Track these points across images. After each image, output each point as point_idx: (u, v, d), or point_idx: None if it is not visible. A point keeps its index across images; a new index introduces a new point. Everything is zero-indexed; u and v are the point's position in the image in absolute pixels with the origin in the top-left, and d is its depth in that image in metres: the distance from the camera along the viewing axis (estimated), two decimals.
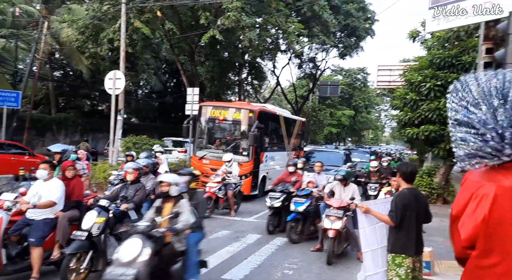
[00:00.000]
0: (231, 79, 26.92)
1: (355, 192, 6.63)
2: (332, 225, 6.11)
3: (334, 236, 6.09)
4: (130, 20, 15.09)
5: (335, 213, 6.22)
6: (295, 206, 7.19)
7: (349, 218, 6.41)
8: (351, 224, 6.35)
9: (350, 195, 6.54)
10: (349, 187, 6.69)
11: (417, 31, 13.62)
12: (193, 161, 12.25)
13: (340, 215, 6.19)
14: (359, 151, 22.72)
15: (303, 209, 7.12)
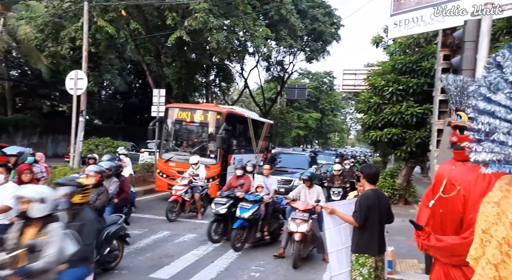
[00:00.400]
0: (199, 81, 26.66)
1: (320, 194, 6.58)
2: (298, 228, 6.04)
3: (300, 239, 6.02)
4: (93, 18, 14.60)
5: (301, 216, 6.14)
6: (240, 212, 6.75)
7: (314, 220, 6.36)
8: (316, 226, 6.34)
9: (315, 197, 6.48)
10: (314, 189, 6.64)
11: (380, 37, 14.07)
12: (159, 164, 12.02)
13: (306, 217, 6.12)
14: (325, 153, 22.82)
15: (248, 216, 6.69)
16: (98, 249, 5.00)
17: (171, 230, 7.94)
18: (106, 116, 30.81)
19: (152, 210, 9.94)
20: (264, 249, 7.06)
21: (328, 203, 4.50)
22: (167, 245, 6.99)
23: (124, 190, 7.16)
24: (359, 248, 3.83)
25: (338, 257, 4.22)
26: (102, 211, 5.21)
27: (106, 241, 5.15)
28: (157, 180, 11.99)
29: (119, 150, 10.18)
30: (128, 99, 30.44)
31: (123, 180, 7.31)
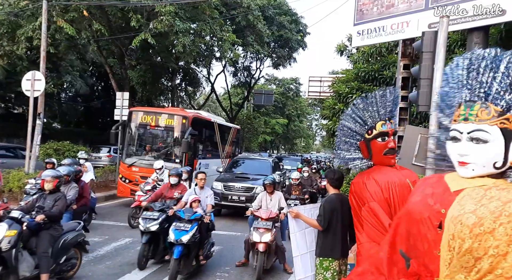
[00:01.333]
0: (164, 85, 26.24)
1: (282, 200, 6.34)
2: (262, 238, 5.71)
3: (264, 250, 5.70)
4: (53, 18, 14.02)
5: (264, 225, 5.82)
6: (176, 235, 5.36)
7: (277, 229, 6.14)
8: (279, 235, 6.16)
9: (277, 204, 6.27)
10: (275, 196, 6.40)
11: (345, 45, 14.46)
12: (122, 169, 11.67)
13: (269, 226, 5.81)
14: (290, 159, 22.32)
15: (187, 240, 5.33)
16: (54, 258, 4.77)
17: (133, 237, 7.70)
18: (66, 119, 29.55)
19: (113, 216, 9.61)
20: (229, 254, 7.00)
21: (293, 207, 4.51)
22: (129, 252, 6.76)
23: (83, 196, 6.91)
24: (323, 251, 3.87)
25: (303, 261, 4.24)
26: (59, 218, 4.97)
27: (63, 249, 4.92)
28: (119, 185, 11.63)
29: (80, 155, 9.79)
30: (89, 102, 29.40)
31: (82, 185, 7.05)
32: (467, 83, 1.68)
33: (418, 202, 1.70)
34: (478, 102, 1.62)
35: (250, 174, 11.42)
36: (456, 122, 1.65)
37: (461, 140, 1.63)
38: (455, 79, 1.73)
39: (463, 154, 1.62)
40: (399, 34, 6.71)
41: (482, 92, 1.63)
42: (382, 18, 6.88)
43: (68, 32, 14.27)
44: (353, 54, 14.53)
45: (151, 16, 15.65)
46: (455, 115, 1.68)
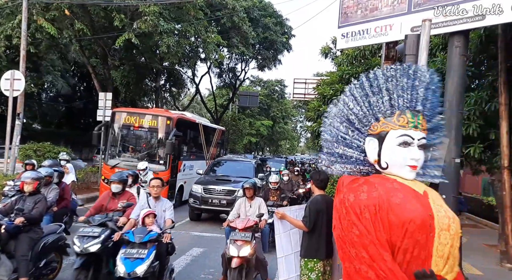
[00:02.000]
0: (148, 85, 25.98)
1: (262, 207, 5.76)
2: (240, 252, 4.91)
3: (238, 266, 4.88)
4: (33, 16, 13.71)
5: (242, 237, 5.05)
6: (126, 267, 4.09)
7: (258, 240, 5.43)
8: (260, 248, 5.53)
9: (257, 211, 5.66)
10: (255, 202, 5.80)
11: (329, 47, 14.58)
12: (104, 170, 11.48)
13: (248, 238, 5.04)
14: (274, 160, 21.70)
15: (143, 272, 4.09)
16: (33, 261, 4.65)
17: None
18: (46, 120, 28.94)
19: None
20: (214, 256, 6.95)
21: (279, 208, 4.51)
22: None
23: (64, 198, 6.76)
24: (308, 252, 3.88)
25: (287, 263, 4.25)
26: (39, 220, 4.84)
27: (43, 253, 4.81)
28: (101, 187, 11.43)
29: (61, 156, 9.58)
30: (71, 103, 28.87)
31: (63, 187, 6.90)
32: (409, 93, 1.79)
33: (420, 209, 1.65)
34: (420, 113, 1.78)
35: (232, 177, 10.82)
36: (406, 128, 1.73)
37: (412, 146, 1.73)
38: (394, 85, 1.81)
39: (417, 159, 1.73)
40: (383, 37, 6.79)
41: (421, 104, 1.78)
42: (366, 21, 6.95)
43: (49, 31, 13.98)
44: (338, 57, 14.65)
45: (134, 16, 15.48)
46: (398, 120, 1.76)
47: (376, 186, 1.70)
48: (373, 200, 1.65)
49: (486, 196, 13.89)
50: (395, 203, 1.64)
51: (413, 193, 1.71)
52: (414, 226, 1.60)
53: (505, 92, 6.72)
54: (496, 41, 7.03)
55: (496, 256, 7.64)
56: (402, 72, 1.80)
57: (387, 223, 1.62)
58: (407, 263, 1.62)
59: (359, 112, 1.83)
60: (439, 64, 7.89)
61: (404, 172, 1.75)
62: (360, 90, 1.85)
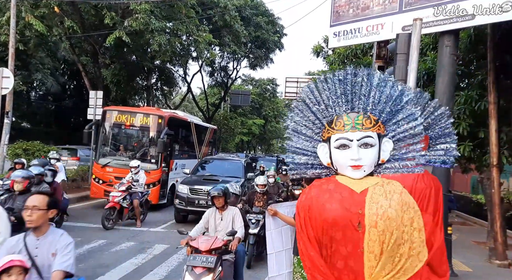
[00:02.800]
0: (139, 84, 25.81)
1: (237, 219, 4.51)
2: None
3: None
4: (21, 13, 13.51)
5: (202, 263, 3.90)
6: None
7: (227, 265, 4.21)
8: (230, 272, 4.31)
9: (230, 225, 4.48)
10: (228, 213, 4.57)
11: (321, 46, 14.63)
12: (95, 169, 11.38)
13: (211, 264, 3.89)
14: (265, 159, 20.91)
15: None
16: None
17: (107, 239, 7.52)
18: (36, 118, 28.57)
19: (86, 218, 9.36)
20: None
21: (271, 205, 4.50)
22: (103, 254, 6.60)
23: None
24: None
25: (277, 259, 4.25)
26: None
27: None
28: (92, 186, 11.34)
29: (50, 155, 9.48)
30: (61, 101, 28.53)
31: (55, 186, 6.83)
32: (344, 97, 1.93)
33: (338, 208, 1.81)
34: (361, 113, 1.90)
35: (220, 176, 10.23)
36: (342, 131, 1.87)
37: (350, 147, 1.85)
38: (327, 93, 1.97)
39: (356, 159, 1.85)
40: (374, 36, 6.85)
41: (361, 105, 1.91)
42: (358, 20, 7.01)
43: (38, 29, 13.80)
44: (329, 56, 14.71)
45: (125, 14, 15.37)
46: (336, 125, 1.90)
47: (311, 189, 1.94)
48: (307, 201, 1.91)
49: (475, 194, 14.07)
50: (320, 204, 1.86)
51: (345, 192, 1.85)
52: (327, 224, 1.81)
53: (494, 91, 6.81)
54: (485, 40, 7.13)
55: (484, 253, 7.75)
56: (336, 78, 1.95)
57: (314, 221, 1.86)
58: (329, 256, 1.84)
59: (306, 122, 2.04)
60: (429, 63, 7.98)
61: (348, 172, 1.89)
62: (302, 104, 2.05)
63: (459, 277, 6.28)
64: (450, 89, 6.28)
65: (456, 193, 15.15)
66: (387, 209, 1.78)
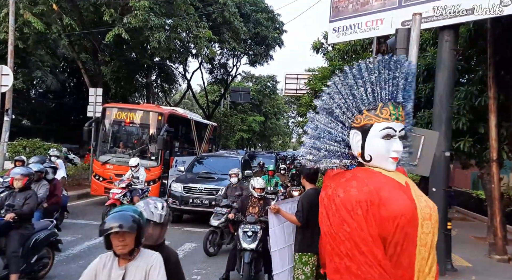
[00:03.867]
0: (139, 81, 25.77)
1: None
2: None
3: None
4: (20, 11, 13.46)
5: None
6: None
7: None
8: None
9: None
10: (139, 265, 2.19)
11: (321, 42, 14.60)
12: (95, 166, 11.38)
13: None
14: (264, 156, 20.40)
15: None
16: (25, 257, 4.61)
17: None
18: (36, 116, 28.59)
19: (87, 215, 9.38)
20: (204, 254, 6.96)
21: (273, 203, 4.49)
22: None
23: (55, 194, 6.69)
24: (302, 247, 3.89)
25: (281, 256, 4.25)
26: (30, 216, 4.80)
27: (34, 249, 4.76)
28: (92, 183, 11.35)
29: (51, 152, 9.48)
30: (61, 99, 28.53)
31: (55, 183, 6.84)
32: (390, 84, 1.79)
33: (410, 202, 1.66)
34: (400, 104, 1.79)
35: (216, 174, 9.92)
36: (389, 120, 1.75)
37: (394, 138, 1.75)
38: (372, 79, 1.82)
39: (399, 151, 1.75)
40: (374, 31, 6.83)
41: (401, 95, 1.79)
42: (357, 15, 6.98)
43: (36, 26, 13.76)
44: (329, 52, 14.68)
45: (125, 10, 15.32)
46: (382, 113, 1.76)
47: (366, 182, 1.70)
48: (364, 196, 1.65)
49: (476, 190, 14.08)
50: (385, 198, 1.64)
51: (398, 185, 1.72)
52: (405, 220, 1.61)
53: (494, 86, 6.80)
54: (485, 35, 7.11)
55: (484, 248, 7.76)
56: (384, 64, 1.80)
57: (379, 218, 1.62)
58: (397, 255, 1.63)
59: (343, 104, 1.83)
60: (429, 59, 7.96)
61: (387, 164, 1.77)
62: (345, 82, 1.84)
63: (459, 272, 6.29)
64: (450, 84, 6.27)
65: (456, 189, 15.16)
66: (428, 200, 1.72)
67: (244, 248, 5.03)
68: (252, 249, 5.02)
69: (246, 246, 5.02)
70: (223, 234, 6.72)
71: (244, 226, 5.24)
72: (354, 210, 1.64)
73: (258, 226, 5.13)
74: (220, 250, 6.81)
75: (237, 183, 7.43)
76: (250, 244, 5.04)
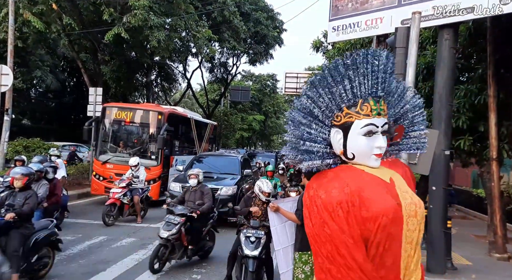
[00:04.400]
0: (139, 80, 25.75)
1: None
2: None
3: None
4: (19, 10, 13.45)
5: None
6: None
7: None
8: None
9: None
10: None
11: (320, 41, 14.58)
12: (95, 166, 11.40)
13: None
14: (264, 155, 20.50)
15: None
16: (25, 257, 4.62)
17: (108, 235, 7.55)
18: (36, 116, 28.59)
19: (87, 214, 9.39)
20: None
21: (274, 201, 4.48)
22: (103, 250, 6.63)
23: (55, 193, 6.71)
24: (303, 245, 3.89)
25: (285, 255, 4.22)
26: (30, 216, 4.80)
27: (35, 248, 4.77)
28: (93, 183, 11.36)
29: (51, 151, 9.50)
30: (61, 98, 28.52)
31: (55, 183, 6.85)
32: (370, 79, 1.74)
33: (392, 201, 1.63)
34: (382, 98, 1.73)
35: (215, 173, 9.89)
36: (370, 116, 1.70)
37: (377, 134, 1.70)
38: (354, 73, 1.75)
39: (382, 147, 1.70)
40: (373, 30, 6.82)
41: (380, 89, 1.74)
42: (357, 14, 6.97)
43: (36, 26, 13.75)
44: (329, 51, 14.66)
45: (124, 10, 15.30)
46: (362, 110, 1.71)
47: (347, 182, 1.66)
48: (345, 197, 1.61)
49: (476, 188, 14.09)
50: (366, 198, 1.61)
51: (382, 183, 1.69)
52: (387, 220, 1.58)
53: (494, 84, 6.79)
54: (485, 34, 7.10)
55: (484, 246, 7.76)
56: (361, 58, 1.74)
57: (360, 219, 1.59)
58: (380, 256, 1.61)
59: (322, 103, 1.78)
60: (429, 57, 7.95)
61: (370, 161, 1.73)
62: (322, 80, 1.78)
63: (459, 270, 6.30)
64: (450, 83, 6.26)
65: (457, 187, 15.16)
66: (413, 196, 1.70)
67: (247, 254, 4.69)
68: (255, 256, 4.68)
69: (248, 253, 4.68)
70: (174, 248, 5.70)
71: (246, 231, 4.86)
72: (335, 212, 1.60)
73: (262, 231, 4.81)
74: (221, 252, 6.43)
75: (196, 185, 6.33)
76: (253, 251, 4.69)
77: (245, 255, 4.69)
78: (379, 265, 1.60)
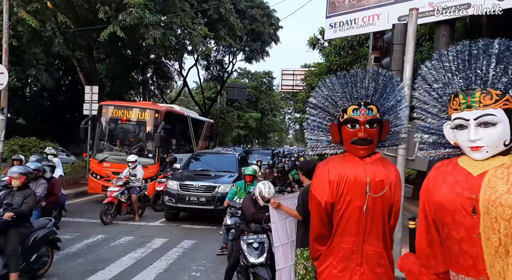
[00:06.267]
0: (135, 79, 25.65)
1: None
2: None
3: None
4: (14, 9, 13.35)
5: None
6: None
7: None
8: None
9: None
10: None
11: (317, 38, 14.59)
12: (92, 165, 11.36)
13: None
14: (260, 152, 20.54)
15: None
16: (24, 256, 4.60)
17: (106, 233, 7.54)
18: (31, 115, 28.40)
19: (84, 213, 9.36)
20: (205, 248, 6.98)
21: (275, 197, 4.47)
22: (102, 249, 6.61)
23: (53, 193, 6.68)
24: (304, 241, 3.89)
25: (283, 251, 4.24)
26: (29, 215, 4.79)
27: (33, 247, 4.76)
28: (90, 181, 11.32)
29: (47, 150, 9.45)
30: (56, 97, 28.35)
31: (53, 182, 6.83)
32: (458, 74, 1.77)
33: (447, 192, 1.74)
34: (477, 90, 1.71)
35: (212, 171, 9.81)
36: (458, 111, 1.74)
37: (467, 127, 1.72)
38: (443, 71, 1.82)
39: (475, 140, 1.71)
40: (370, 27, 6.84)
41: (479, 80, 1.72)
42: (354, 10, 6.98)
43: (30, 24, 13.66)
44: (325, 48, 14.69)
45: (119, 8, 15.21)
46: (453, 105, 1.77)
47: (432, 170, 1.91)
48: (426, 182, 1.90)
49: None
50: (434, 186, 1.84)
51: (462, 176, 1.75)
52: (437, 208, 1.77)
53: None
54: (481, 30, 7.14)
55: None
56: (449, 55, 1.83)
57: (428, 204, 1.85)
58: (444, 239, 1.79)
59: (433, 100, 1.93)
60: (425, 54, 7.99)
61: (468, 153, 1.77)
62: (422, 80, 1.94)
63: None
64: None
65: None
66: (503, 194, 1.62)
67: (253, 263, 4.31)
68: (262, 263, 4.34)
69: (254, 261, 4.31)
70: None
71: (247, 237, 4.48)
72: (421, 195, 1.91)
73: (264, 235, 4.49)
74: (222, 253, 6.51)
75: None
76: (259, 258, 4.35)
77: (252, 264, 4.34)
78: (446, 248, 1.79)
